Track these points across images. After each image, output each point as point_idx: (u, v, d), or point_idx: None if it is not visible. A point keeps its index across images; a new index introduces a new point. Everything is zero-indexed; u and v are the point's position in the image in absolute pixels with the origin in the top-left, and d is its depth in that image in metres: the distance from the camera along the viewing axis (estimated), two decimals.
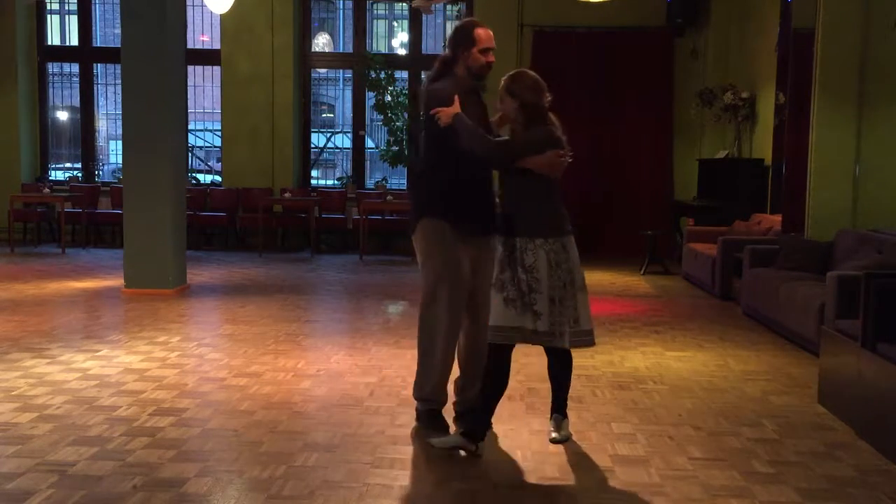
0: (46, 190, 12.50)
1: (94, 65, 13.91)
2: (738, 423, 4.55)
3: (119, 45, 8.71)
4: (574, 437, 4.26)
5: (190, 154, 13.69)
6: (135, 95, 8.44)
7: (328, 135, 15.99)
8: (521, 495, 3.55)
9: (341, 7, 16.60)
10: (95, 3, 14.48)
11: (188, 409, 4.65)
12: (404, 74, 13.44)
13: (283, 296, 8.50)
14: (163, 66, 8.42)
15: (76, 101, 13.99)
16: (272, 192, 12.88)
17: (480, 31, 4.20)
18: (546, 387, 5.19)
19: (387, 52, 15.85)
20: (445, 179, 4.17)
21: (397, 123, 12.51)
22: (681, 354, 6.19)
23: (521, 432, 4.33)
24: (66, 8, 16.47)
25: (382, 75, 12.66)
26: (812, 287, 6.37)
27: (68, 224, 12.59)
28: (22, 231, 12.98)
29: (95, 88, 14.07)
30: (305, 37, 13.42)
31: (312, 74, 13.86)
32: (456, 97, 4.04)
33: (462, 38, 4.20)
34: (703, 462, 3.95)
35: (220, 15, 11.80)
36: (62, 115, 14.87)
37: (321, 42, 14.32)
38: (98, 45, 15.33)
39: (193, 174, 14.29)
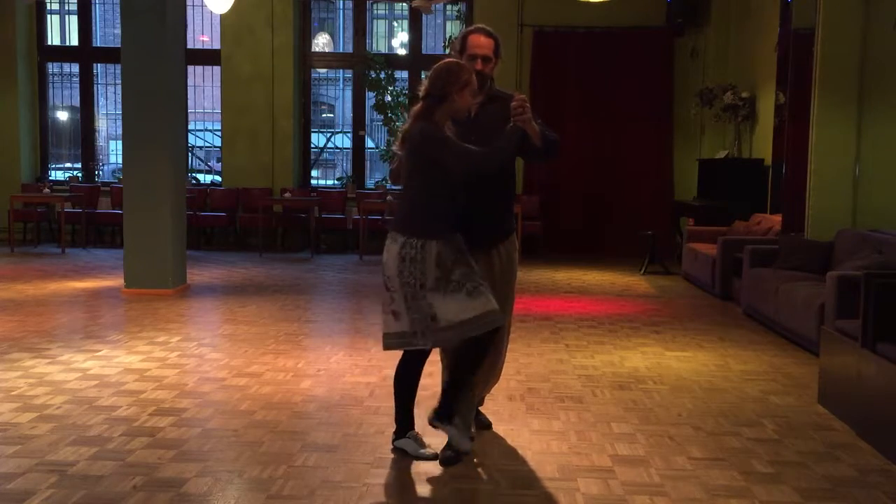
0: (46, 190, 12.51)
1: (94, 65, 13.92)
2: (738, 423, 4.55)
3: (119, 45, 8.71)
4: (574, 437, 4.26)
5: (190, 154, 13.69)
6: (135, 95, 8.45)
7: (328, 135, 15.99)
8: (521, 495, 3.55)
9: (341, 7, 16.59)
10: (95, 3, 14.48)
11: (188, 409, 4.65)
12: (404, 74, 13.44)
13: (283, 296, 8.50)
14: (163, 67, 8.42)
15: (76, 101, 13.99)
16: (272, 192, 12.88)
17: (471, 38, 4.04)
18: (546, 386, 5.21)
19: (387, 52, 15.83)
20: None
21: (397, 123, 12.52)
22: (681, 354, 6.19)
23: (521, 432, 4.33)
24: (66, 8, 16.46)
25: (382, 75, 12.68)
26: (812, 287, 6.37)
27: (68, 224, 12.59)
28: (22, 231, 12.98)
29: (95, 88, 14.09)
30: (305, 37, 13.42)
31: (312, 74, 13.86)
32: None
33: (459, 45, 4.12)
34: (703, 462, 3.95)
35: (220, 15, 11.80)
36: (62, 115, 14.87)
37: (321, 42, 14.31)
38: (98, 45, 15.32)
39: (193, 174, 14.29)
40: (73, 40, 14.60)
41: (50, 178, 13.79)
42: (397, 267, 3.79)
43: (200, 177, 14.81)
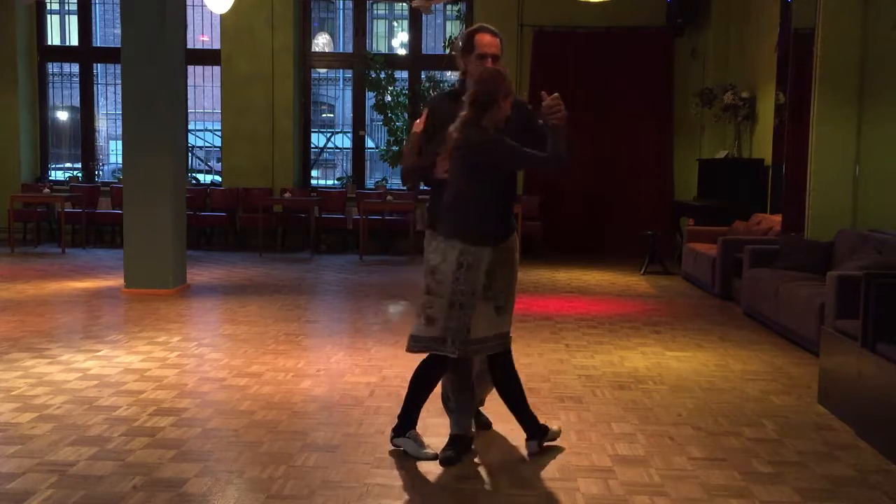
0: (46, 190, 12.51)
1: (94, 65, 13.92)
2: (738, 423, 4.55)
3: (119, 45, 8.71)
4: (574, 437, 4.26)
5: (190, 154, 13.69)
6: (135, 95, 8.44)
7: (328, 135, 15.99)
8: (521, 495, 3.55)
9: (341, 7, 16.60)
10: (95, 3, 14.48)
11: (188, 409, 4.65)
12: (404, 74, 13.44)
13: (283, 296, 8.50)
14: (163, 67, 8.42)
15: (76, 101, 13.99)
16: (272, 192, 12.88)
17: (479, 37, 4.04)
18: (546, 386, 5.22)
19: (387, 52, 15.84)
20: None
21: (397, 123, 12.53)
22: (681, 354, 6.19)
23: (520, 432, 4.31)
24: (66, 8, 16.48)
25: (382, 75, 12.68)
26: (812, 287, 6.37)
27: (68, 224, 12.59)
28: (22, 231, 12.99)
29: (95, 88, 14.09)
30: (305, 37, 13.42)
31: (312, 74, 13.86)
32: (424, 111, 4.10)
33: (464, 44, 4.10)
34: (703, 462, 3.95)
35: (220, 15, 11.80)
36: (62, 115, 14.87)
37: (321, 42, 14.31)
38: (98, 45, 15.33)
39: (193, 174, 14.29)
40: (73, 40, 14.60)
41: (50, 178, 13.80)
42: (453, 273, 3.77)
43: (200, 177, 14.81)
